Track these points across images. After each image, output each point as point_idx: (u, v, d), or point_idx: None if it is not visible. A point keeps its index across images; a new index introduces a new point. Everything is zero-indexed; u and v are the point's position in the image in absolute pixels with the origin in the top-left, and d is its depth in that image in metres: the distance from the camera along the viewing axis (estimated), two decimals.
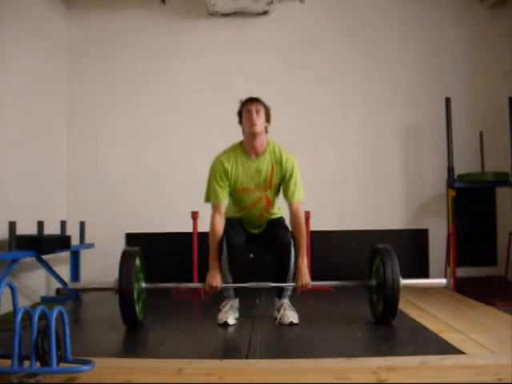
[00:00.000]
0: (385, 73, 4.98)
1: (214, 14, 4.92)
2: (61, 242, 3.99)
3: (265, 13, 4.88)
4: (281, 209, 3.13)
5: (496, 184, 4.52)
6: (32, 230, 3.88)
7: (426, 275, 4.80)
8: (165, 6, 4.91)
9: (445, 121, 4.44)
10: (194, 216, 4.20)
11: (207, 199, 2.93)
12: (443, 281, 3.07)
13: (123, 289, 2.69)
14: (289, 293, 3.00)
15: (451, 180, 4.39)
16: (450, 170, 4.39)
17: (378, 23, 5.03)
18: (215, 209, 2.90)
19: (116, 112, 4.99)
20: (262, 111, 2.84)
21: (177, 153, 4.92)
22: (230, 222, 2.97)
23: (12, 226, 3.57)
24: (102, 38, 5.01)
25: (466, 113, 4.84)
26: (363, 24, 5.03)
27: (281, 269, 2.90)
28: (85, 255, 4.55)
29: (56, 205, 4.70)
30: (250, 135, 2.83)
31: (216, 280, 2.81)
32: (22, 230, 3.71)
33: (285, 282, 2.91)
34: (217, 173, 2.87)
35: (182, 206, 4.44)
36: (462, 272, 4.47)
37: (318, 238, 4.46)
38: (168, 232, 4.81)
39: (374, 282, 2.93)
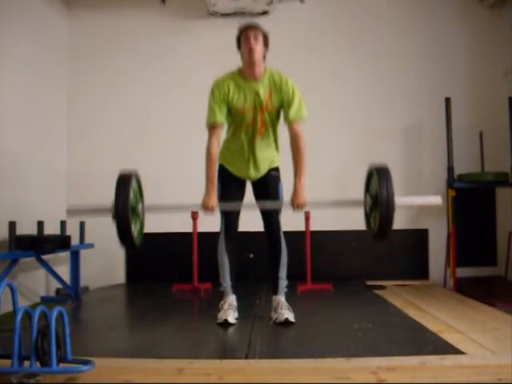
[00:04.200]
0: (385, 73, 4.98)
1: (214, 14, 4.92)
2: (61, 242, 3.99)
3: (265, 13, 4.88)
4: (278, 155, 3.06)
5: (496, 184, 4.52)
6: (32, 230, 3.88)
7: (426, 275, 4.80)
8: (165, 6, 4.92)
9: (445, 121, 4.44)
10: (194, 216, 4.20)
11: (207, 122, 2.90)
12: (438, 198, 2.94)
13: (119, 213, 2.64)
14: (285, 289, 3.01)
15: (451, 180, 4.39)
16: (450, 169, 4.39)
17: (378, 24, 5.03)
18: (212, 131, 2.87)
19: (116, 112, 4.99)
20: (261, 38, 2.84)
21: (177, 152, 4.92)
22: (225, 194, 2.92)
23: (12, 225, 3.58)
24: (101, 37, 5.02)
25: (466, 113, 4.84)
26: (363, 24, 5.03)
27: (273, 256, 2.98)
28: (85, 255, 4.55)
29: (56, 205, 4.70)
30: (249, 62, 2.84)
31: (212, 200, 2.77)
32: (22, 230, 3.71)
33: (278, 269, 2.95)
34: (216, 95, 2.86)
35: None
36: (462, 272, 4.47)
37: (318, 237, 4.46)
38: (168, 232, 4.81)
39: (369, 200, 2.84)
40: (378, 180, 2.68)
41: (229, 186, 2.98)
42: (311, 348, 2.37)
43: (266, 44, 2.89)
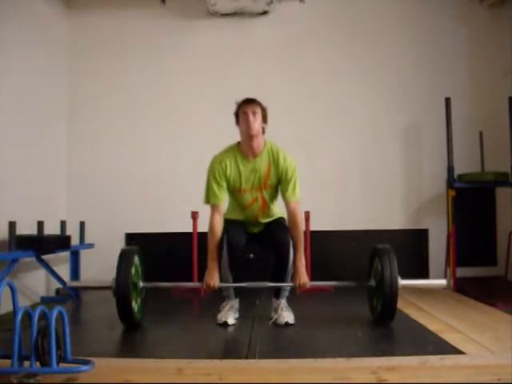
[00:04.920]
0: (385, 73, 4.98)
1: (213, 14, 4.92)
2: (61, 242, 3.98)
3: (265, 13, 4.88)
4: (279, 208, 3.13)
5: (496, 184, 4.52)
6: (32, 230, 3.87)
7: (426, 275, 4.79)
8: (165, 6, 4.91)
9: (445, 121, 4.44)
10: (194, 216, 4.20)
11: (207, 201, 2.94)
12: (443, 281, 3.06)
13: (120, 288, 2.68)
14: (286, 293, 3.00)
15: (451, 180, 4.39)
16: (450, 169, 4.39)
17: (378, 23, 5.03)
18: (214, 209, 2.90)
19: (116, 112, 4.99)
20: (259, 112, 2.84)
21: (177, 152, 4.91)
22: (229, 223, 2.96)
23: (12, 225, 3.57)
24: (101, 38, 5.01)
25: (466, 113, 4.84)
26: (363, 24, 5.03)
27: (279, 268, 2.90)
28: (85, 255, 4.55)
29: (56, 205, 4.70)
30: (247, 137, 2.84)
31: (214, 279, 2.81)
32: (22, 230, 3.71)
33: (283, 281, 2.91)
34: (216, 173, 2.88)
35: (182, 206, 4.44)
36: (461, 272, 4.47)
37: (318, 238, 4.46)
38: (168, 232, 4.81)
39: (373, 283, 2.93)
40: (381, 263, 2.76)
41: (234, 220, 3.02)
42: (311, 348, 2.38)
43: (264, 118, 2.88)
